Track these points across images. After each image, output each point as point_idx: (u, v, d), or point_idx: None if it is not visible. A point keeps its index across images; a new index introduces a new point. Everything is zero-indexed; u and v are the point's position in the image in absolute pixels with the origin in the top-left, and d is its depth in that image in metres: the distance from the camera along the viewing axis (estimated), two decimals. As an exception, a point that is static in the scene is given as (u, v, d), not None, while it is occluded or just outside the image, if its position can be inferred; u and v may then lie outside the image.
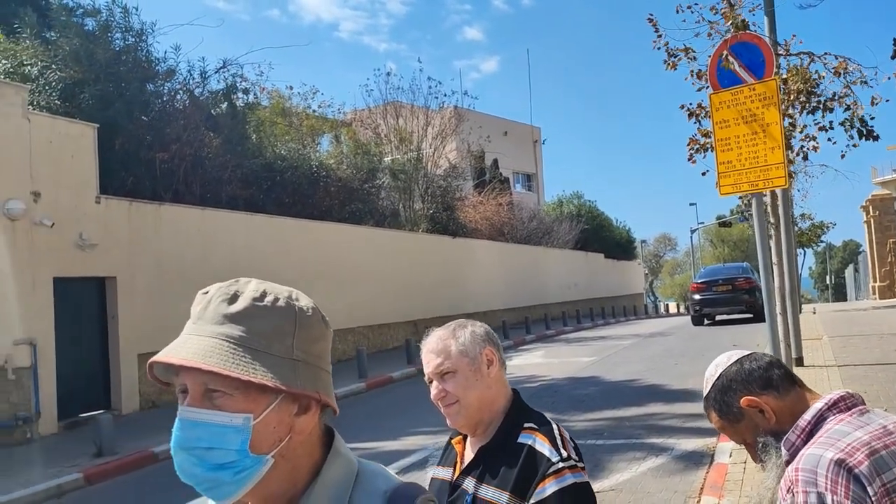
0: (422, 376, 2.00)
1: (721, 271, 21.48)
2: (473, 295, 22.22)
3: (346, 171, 19.00)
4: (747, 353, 1.60)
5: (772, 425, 1.48)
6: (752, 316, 18.65)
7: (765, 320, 6.98)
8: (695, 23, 9.66)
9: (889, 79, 9.71)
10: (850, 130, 9.68)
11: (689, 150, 10.12)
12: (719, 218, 47.03)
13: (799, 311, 11.66)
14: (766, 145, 6.64)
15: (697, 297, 19.72)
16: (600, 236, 35.37)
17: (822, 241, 47.16)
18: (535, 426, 1.81)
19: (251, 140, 16.39)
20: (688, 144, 10.15)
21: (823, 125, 9.77)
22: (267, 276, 1.07)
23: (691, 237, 46.31)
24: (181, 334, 0.96)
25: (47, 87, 12.52)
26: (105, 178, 11.61)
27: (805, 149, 10.27)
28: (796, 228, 25.71)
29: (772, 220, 9.90)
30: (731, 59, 7.08)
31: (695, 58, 9.79)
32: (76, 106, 12.43)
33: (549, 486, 1.68)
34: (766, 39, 8.24)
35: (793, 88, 9.43)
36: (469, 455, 1.87)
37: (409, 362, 14.27)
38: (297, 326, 0.97)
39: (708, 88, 7.91)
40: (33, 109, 11.11)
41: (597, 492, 1.84)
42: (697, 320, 19.89)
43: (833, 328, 14.46)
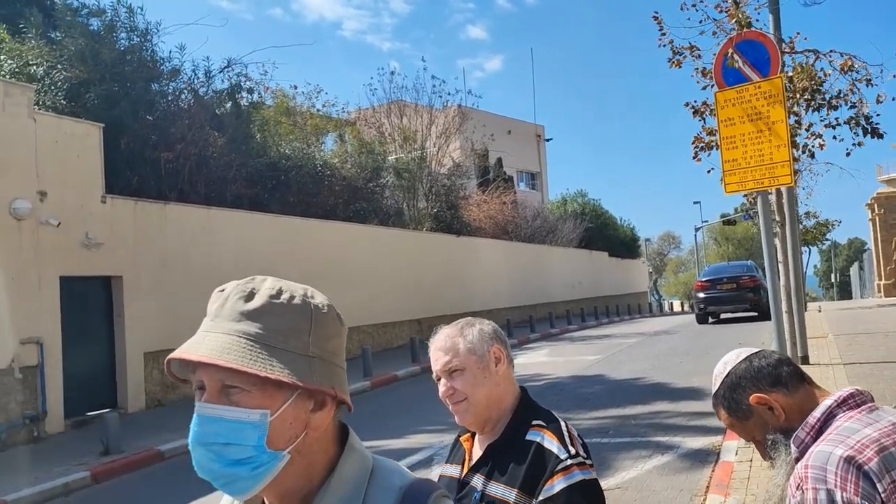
0: (427, 374, 2.01)
1: (725, 269, 21.42)
2: (478, 293, 22.23)
3: (350, 170, 19.03)
4: (756, 350, 1.61)
5: (781, 422, 1.48)
6: (756, 314, 18.63)
7: (769, 319, 6.98)
8: (699, 21, 9.66)
9: (895, 76, 9.69)
10: (855, 128, 9.66)
11: (694, 148, 10.11)
12: (723, 216, 46.90)
13: (804, 310, 11.63)
14: (771, 143, 6.63)
15: (702, 295, 19.67)
16: (604, 235, 35.34)
17: (827, 239, 47.03)
18: (543, 423, 1.81)
19: (256, 139, 16.42)
20: (693, 142, 10.14)
21: (829, 122, 9.75)
22: (272, 275, 1.08)
23: (695, 235, 46.23)
24: (198, 331, 0.97)
25: (53, 87, 12.56)
26: (110, 177, 11.64)
27: (811, 147, 10.25)
28: (801, 226, 25.67)
29: (777, 218, 9.89)
30: (736, 56, 7.08)
31: (700, 56, 9.79)
32: (82, 106, 12.47)
33: (558, 483, 1.69)
34: (772, 37, 8.22)
35: (798, 86, 9.41)
36: (477, 452, 1.88)
37: (413, 361, 14.29)
38: (313, 323, 0.98)
39: (713, 86, 7.91)
40: (39, 109, 11.15)
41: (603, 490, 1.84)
42: (702, 319, 19.85)
43: (838, 326, 14.42)
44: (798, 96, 9.50)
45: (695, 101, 10.07)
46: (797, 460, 1.42)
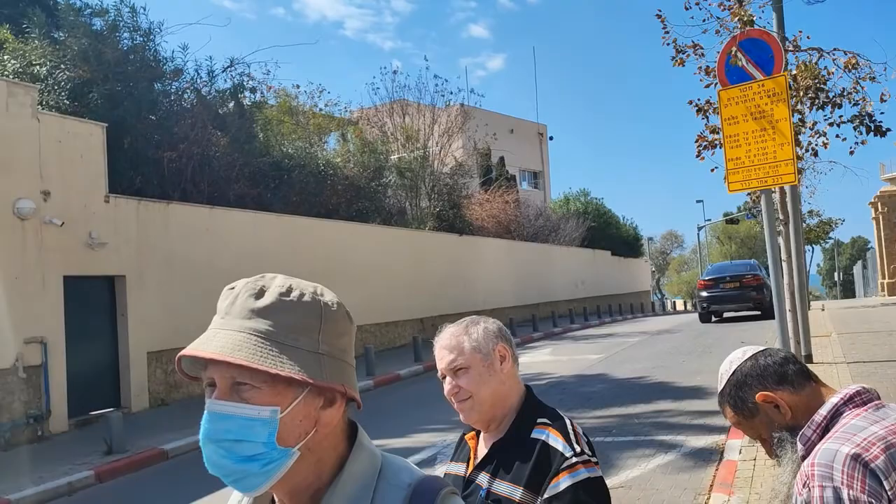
0: (429, 374, 2.02)
1: (728, 268, 21.38)
2: (480, 293, 22.23)
3: (352, 169, 19.04)
4: (762, 348, 1.61)
5: (787, 420, 1.49)
6: (759, 313, 18.59)
7: (772, 317, 6.97)
8: (702, 20, 9.64)
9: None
10: (859, 127, 9.64)
11: (697, 146, 10.10)
12: (726, 215, 46.84)
13: (807, 309, 11.61)
14: (775, 141, 6.62)
15: (705, 294, 19.64)
16: (607, 234, 35.30)
17: (831, 238, 46.96)
18: (548, 421, 1.81)
19: (258, 139, 16.43)
20: (696, 141, 10.12)
21: (833, 121, 9.73)
22: (275, 275, 1.08)
23: (698, 234, 46.23)
24: (208, 328, 0.97)
25: (56, 87, 12.58)
26: (114, 177, 11.67)
27: (814, 145, 10.23)
28: (804, 225, 25.60)
29: (781, 217, 9.87)
30: (739, 55, 7.07)
31: (703, 54, 9.78)
32: (85, 105, 12.49)
33: (563, 481, 1.69)
34: (775, 35, 8.21)
35: (802, 84, 9.39)
36: (482, 450, 1.88)
37: (416, 360, 14.28)
38: (323, 321, 0.98)
39: (716, 84, 7.90)
40: (43, 109, 11.17)
41: (607, 488, 1.84)
42: (705, 317, 19.82)
43: (842, 325, 14.40)
44: (802, 94, 9.48)
45: (698, 100, 10.06)
46: (803, 458, 1.42)
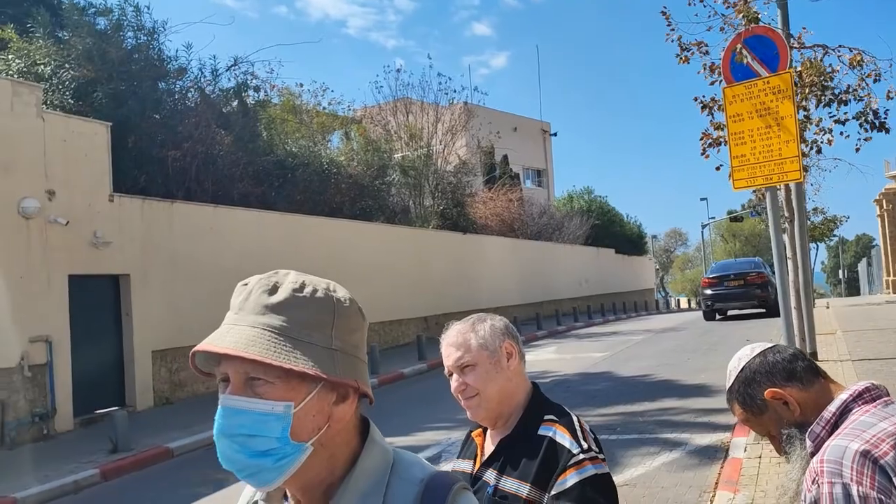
0: (433, 372, 2.02)
1: (733, 266, 21.34)
2: (484, 291, 22.23)
3: (356, 167, 19.05)
4: (770, 345, 1.60)
5: (796, 417, 1.48)
6: (764, 311, 18.56)
7: (776, 315, 6.96)
8: (707, 17, 9.61)
9: (903, 71, 9.63)
10: (864, 124, 9.61)
11: (702, 144, 10.07)
12: (730, 213, 46.78)
13: (812, 306, 11.59)
14: (780, 139, 6.61)
15: (709, 292, 19.61)
16: (611, 232, 35.26)
17: (835, 236, 46.86)
18: (555, 418, 1.81)
19: (262, 137, 16.45)
20: (701, 139, 10.10)
21: (839, 118, 9.70)
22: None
23: (702, 232, 46.12)
24: (222, 324, 0.98)
25: (61, 87, 12.61)
26: (118, 176, 11.69)
27: (819, 142, 10.20)
28: (809, 223, 25.54)
29: (786, 214, 9.84)
30: (744, 52, 7.05)
31: (707, 52, 9.75)
32: (89, 105, 12.52)
33: (570, 478, 1.69)
34: (780, 32, 8.19)
35: (807, 81, 9.37)
36: (489, 447, 1.88)
37: (420, 358, 14.28)
38: (336, 316, 0.99)
39: (721, 82, 7.87)
40: (47, 108, 11.20)
41: (611, 486, 1.84)
42: (709, 315, 19.79)
43: (847, 323, 14.37)
44: (807, 91, 9.45)
45: (703, 97, 10.03)
46: (812, 455, 1.41)
